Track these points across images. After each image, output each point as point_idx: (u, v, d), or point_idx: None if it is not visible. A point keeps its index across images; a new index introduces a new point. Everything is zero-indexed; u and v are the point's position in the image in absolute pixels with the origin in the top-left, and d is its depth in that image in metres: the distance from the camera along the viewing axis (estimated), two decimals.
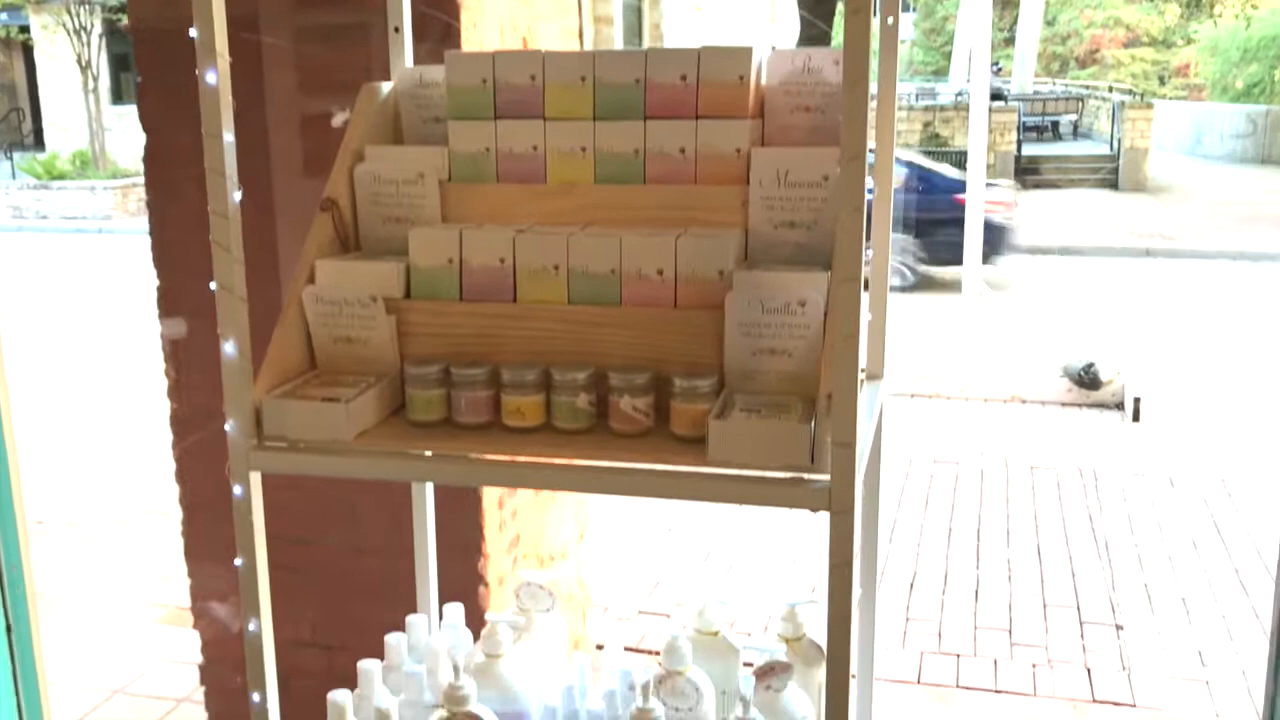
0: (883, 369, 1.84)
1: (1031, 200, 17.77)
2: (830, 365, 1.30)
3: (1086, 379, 6.80)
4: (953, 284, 10.56)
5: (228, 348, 1.46)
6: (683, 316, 1.48)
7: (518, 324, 1.53)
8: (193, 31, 1.39)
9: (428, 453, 1.48)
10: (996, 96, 20.48)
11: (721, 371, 1.45)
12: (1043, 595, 4.08)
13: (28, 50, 23.77)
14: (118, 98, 22.31)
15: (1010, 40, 30.33)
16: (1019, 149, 19.72)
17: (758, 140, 1.60)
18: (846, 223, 1.26)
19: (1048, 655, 3.62)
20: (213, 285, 1.46)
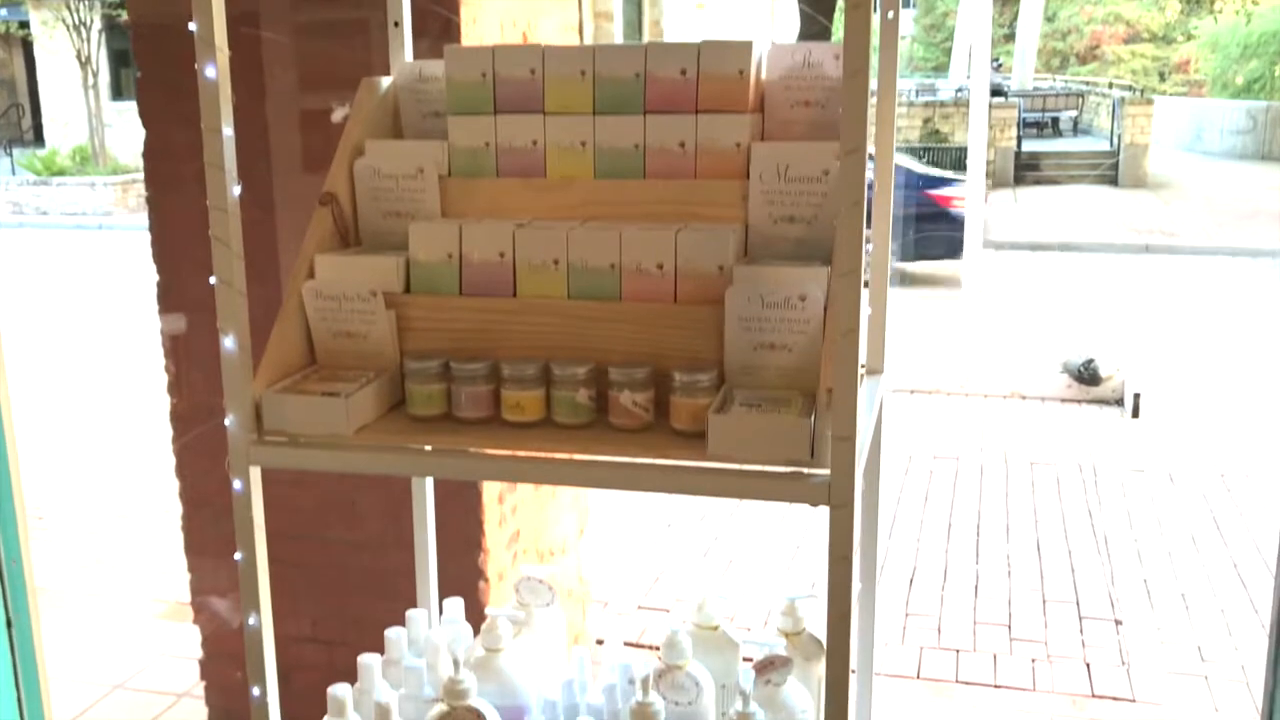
0: (883, 364, 1.84)
1: (1031, 196, 17.78)
2: (830, 360, 1.30)
3: (1086, 375, 6.81)
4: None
5: (227, 342, 1.46)
6: (683, 311, 1.48)
7: (517, 319, 1.53)
8: (192, 26, 1.39)
9: (427, 447, 1.48)
10: (996, 93, 20.47)
11: (721, 366, 1.45)
12: (1042, 590, 4.08)
13: (27, 46, 23.75)
14: (117, 93, 22.28)
15: (1010, 36, 30.30)
16: (1019, 145, 19.71)
17: (758, 135, 1.59)
18: (846, 217, 1.26)
19: (1047, 650, 3.62)
20: (212, 280, 1.46)
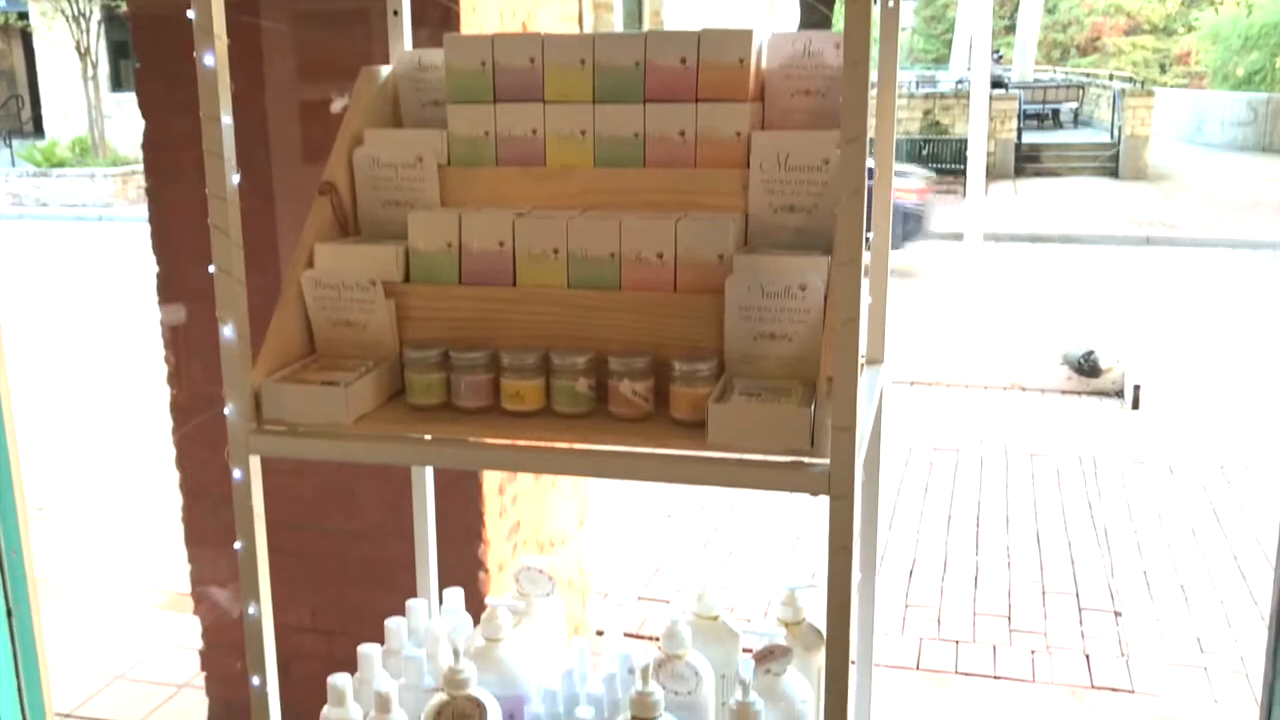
0: (883, 354, 1.84)
1: (1031, 188, 17.77)
2: (830, 349, 1.30)
3: (1086, 367, 6.80)
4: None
5: (226, 331, 1.46)
6: (682, 300, 1.48)
7: (517, 308, 1.53)
8: (191, 14, 1.38)
9: (427, 436, 1.48)
10: (997, 84, 20.44)
11: (721, 355, 1.44)
12: (1042, 582, 4.09)
13: (26, 37, 23.72)
14: (117, 85, 22.24)
15: (1011, 28, 30.25)
16: (1019, 137, 19.71)
17: (758, 124, 1.59)
18: (847, 206, 1.25)
19: (1046, 642, 3.62)
20: (211, 269, 1.45)
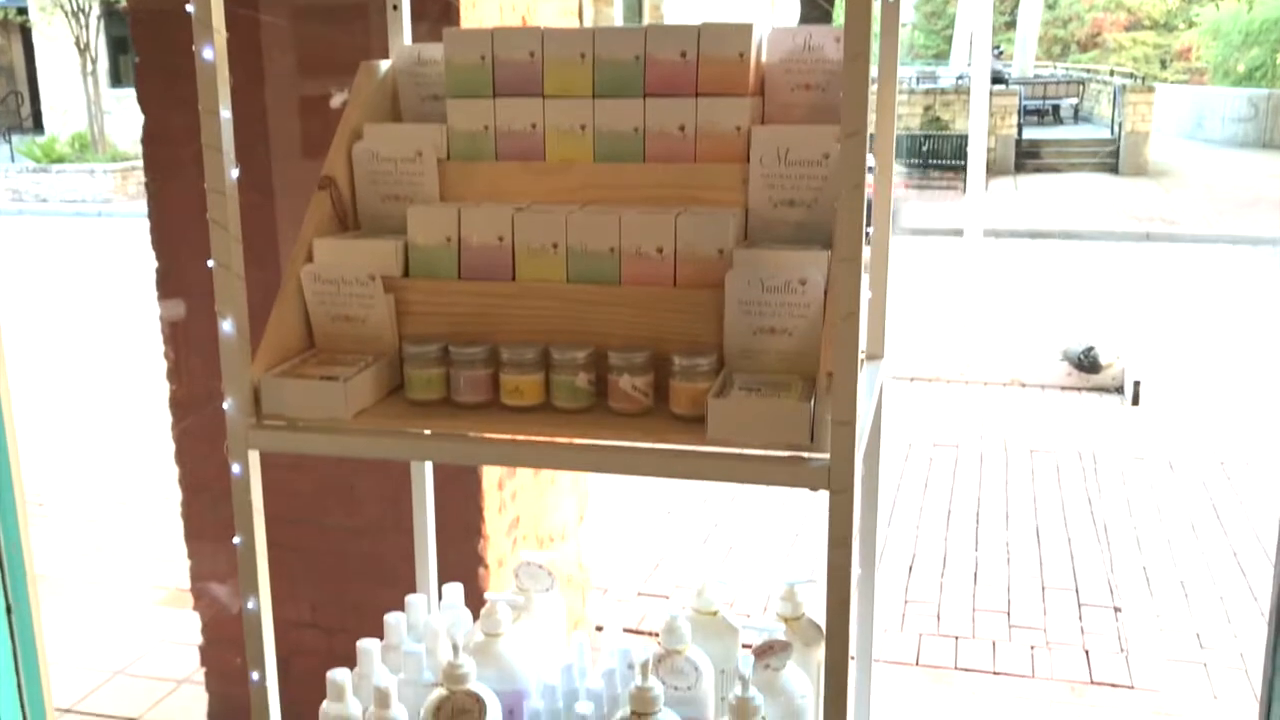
0: (883, 349, 1.83)
1: (1031, 184, 17.76)
2: (830, 344, 1.30)
3: (1086, 363, 6.80)
4: None
5: (225, 326, 1.45)
6: (682, 295, 1.48)
7: (516, 303, 1.52)
8: (189, 8, 1.38)
9: (426, 431, 1.48)
10: (997, 80, 20.45)
11: (721, 350, 1.44)
12: (1041, 578, 4.09)
13: (26, 33, 23.69)
14: (116, 80, 22.23)
15: (1011, 24, 30.23)
16: (1020, 133, 19.71)
17: (758, 118, 1.58)
18: (847, 201, 1.25)
19: (1046, 637, 3.62)
20: (210, 263, 1.45)
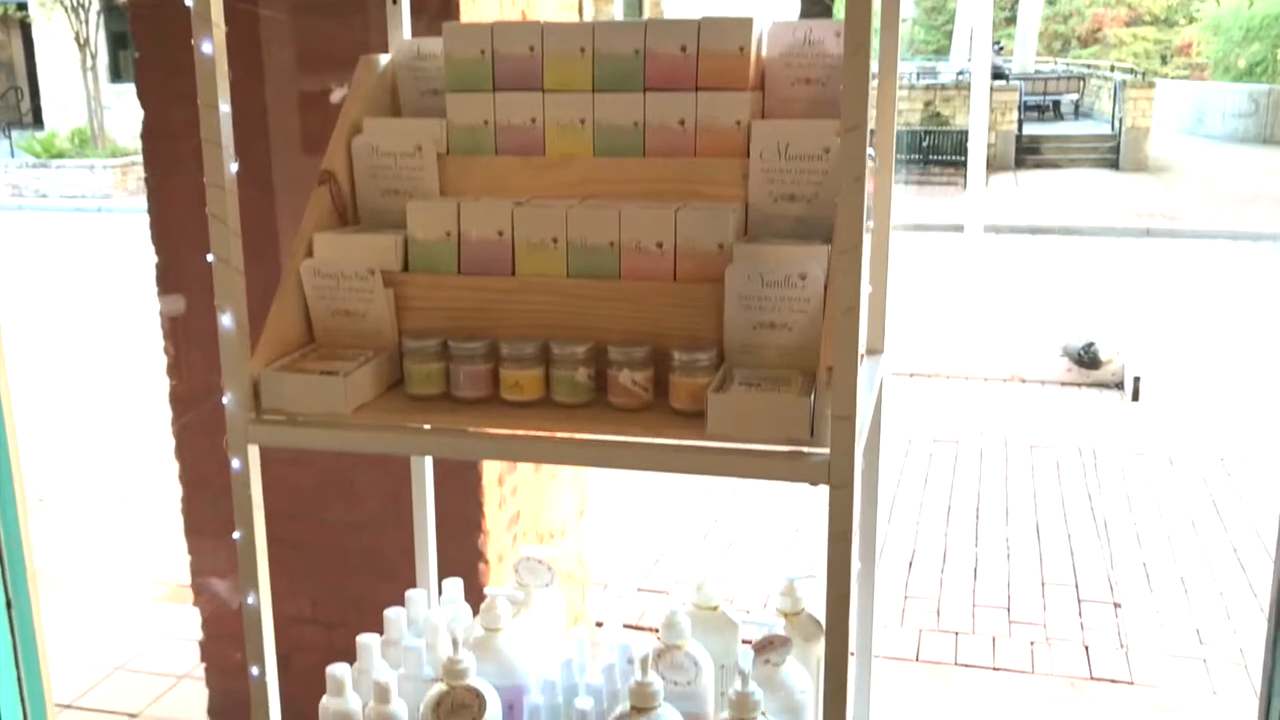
0: (883, 344, 1.83)
1: (1031, 179, 17.74)
2: (830, 338, 1.29)
3: (1086, 358, 6.80)
4: None
5: (225, 320, 1.45)
6: (682, 290, 1.47)
7: (516, 297, 1.52)
8: (189, 1, 1.37)
9: (426, 426, 1.48)
10: (998, 75, 20.41)
11: (721, 345, 1.44)
12: (1041, 574, 4.09)
13: (25, 28, 23.66)
14: (116, 76, 22.21)
15: (1012, 19, 30.18)
16: (1020, 128, 19.68)
17: (758, 112, 1.58)
18: (847, 195, 1.25)
19: (1046, 633, 3.62)
20: (210, 258, 1.45)
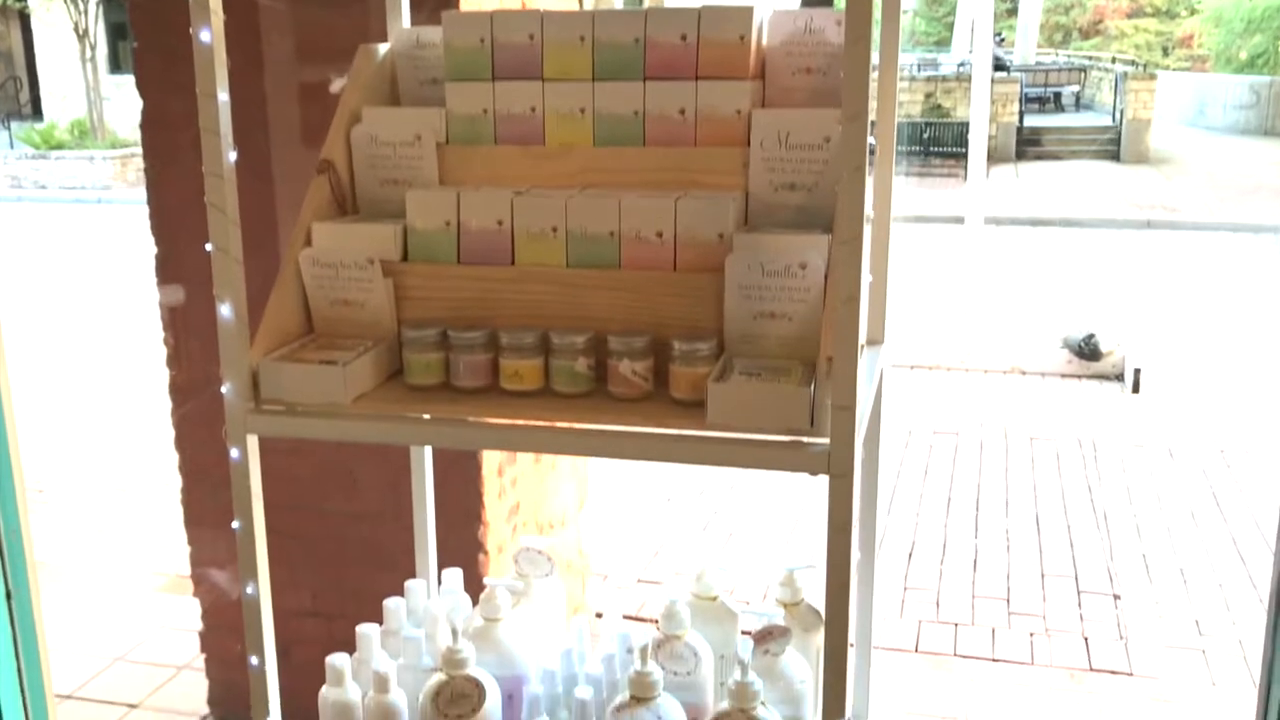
0: (883, 334, 1.83)
1: (1032, 171, 17.72)
2: (831, 328, 1.29)
3: (1087, 350, 6.80)
4: None
5: (224, 310, 1.45)
6: (682, 279, 1.47)
7: (516, 287, 1.52)
8: None
9: (425, 416, 1.47)
10: (999, 67, 20.39)
11: (721, 335, 1.43)
12: (1041, 565, 4.09)
13: (24, 19, 23.63)
14: (115, 67, 22.18)
15: (1013, 11, 30.13)
16: (1021, 120, 19.67)
17: (758, 102, 1.57)
18: (848, 184, 1.24)
19: (1045, 624, 3.63)
20: (209, 247, 1.44)
